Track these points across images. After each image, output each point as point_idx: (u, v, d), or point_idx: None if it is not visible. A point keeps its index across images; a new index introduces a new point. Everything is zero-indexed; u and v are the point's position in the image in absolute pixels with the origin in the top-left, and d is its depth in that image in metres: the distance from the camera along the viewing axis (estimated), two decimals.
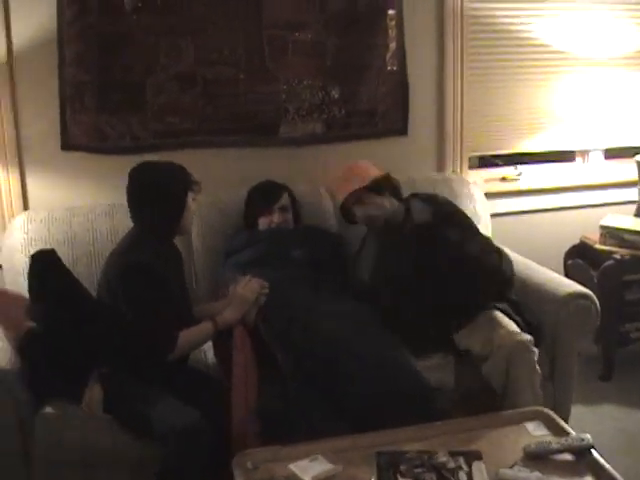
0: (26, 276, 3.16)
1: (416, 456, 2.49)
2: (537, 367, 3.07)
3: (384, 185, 3.60)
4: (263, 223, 3.71)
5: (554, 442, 2.55)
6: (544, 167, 4.83)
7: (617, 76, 4.53)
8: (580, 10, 4.49)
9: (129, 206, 3.13)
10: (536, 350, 3.08)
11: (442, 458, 2.47)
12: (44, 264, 3.14)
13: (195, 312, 3.29)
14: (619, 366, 4.25)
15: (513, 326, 3.14)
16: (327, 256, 3.69)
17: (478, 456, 2.49)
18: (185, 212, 3.12)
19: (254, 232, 3.71)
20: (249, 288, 3.20)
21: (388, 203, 3.56)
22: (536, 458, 2.49)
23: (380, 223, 3.56)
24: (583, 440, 2.54)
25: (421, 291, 3.31)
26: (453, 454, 2.49)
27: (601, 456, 2.49)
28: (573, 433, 2.62)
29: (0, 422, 2.84)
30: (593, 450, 2.52)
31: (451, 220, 3.47)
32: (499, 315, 3.22)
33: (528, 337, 3.07)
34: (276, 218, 3.70)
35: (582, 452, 2.52)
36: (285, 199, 3.75)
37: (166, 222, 3.13)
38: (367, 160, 3.74)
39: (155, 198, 3.09)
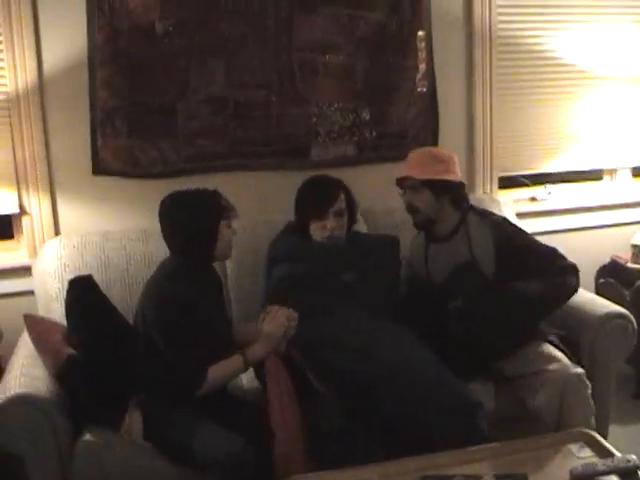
0: (60, 302, 3.21)
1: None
2: (591, 401, 3.07)
3: (447, 191, 3.40)
4: (315, 229, 3.44)
5: (600, 464, 2.51)
6: (573, 187, 4.84)
7: None
8: (606, 26, 4.53)
9: (163, 236, 3.13)
10: (589, 384, 3.07)
11: None
12: (81, 290, 3.17)
13: (234, 332, 3.30)
14: None
15: (565, 359, 3.13)
16: (381, 282, 3.43)
17: (525, 479, 2.47)
18: (219, 241, 3.09)
19: (300, 244, 3.48)
20: (276, 323, 3.06)
21: (438, 206, 3.40)
22: None
23: (420, 219, 3.43)
24: (629, 461, 2.50)
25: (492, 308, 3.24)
26: (500, 477, 2.49)
27: None
28: (618, 454, 2.59)
29: (40, 450, 2.81)
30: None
31: (515, 245, 3.35)
32: (548, 346, 3.22)
33: (581, 370, 3.07)
34: (330, 224, 3.42)
35: (629, 473, 2.48)
36: (341, 201, 3.46)
37: (200, 252, 3.10)
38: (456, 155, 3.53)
39: (186, 230, 3.07)
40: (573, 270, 3.31)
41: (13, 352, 3.32)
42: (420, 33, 4.04)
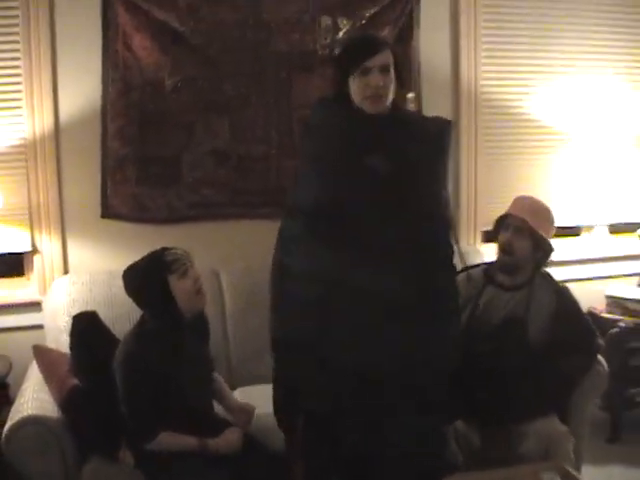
0: (67, 335, 3.37)
1: None
2: (572, 456, 3.21)
3: (544, 253, 3.45)
4: (356, 90, 2.82)
5: None
6: (552, 241, 5.04)
7: (621, 156, 4.80)
8: (585, 90, 4.81)
9: None
10: (573, 439, 3.25)
11: None
12: (85, 325, 3.36)
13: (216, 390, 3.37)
14: (625, 429, 4.42)
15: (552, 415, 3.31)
16: (421, 177, 2.88)
17: None
18: (176, 296, 3.04)
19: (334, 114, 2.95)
20: (229, 445, 3.08)
21: (530, 258, 3.43)
22: None
23: (510, 262, 3.42)
24: None
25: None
26: None
27: None
28: None
29: (48, 469, 3.00)
30: None
31: (571, 315, 3.45)
32: None
33: (566, 428, 3.25)
34: (374, 79, 2.77)
35: None
36: (387, 56, 2.80)
37: (161, 313, 3.08)
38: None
39: (141, 297, 3.10)
40: (599, 351, 3.50)
41: (22, 382, 3.50)
42: (410, 95, 4.30)
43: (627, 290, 4.53)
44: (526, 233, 3.38)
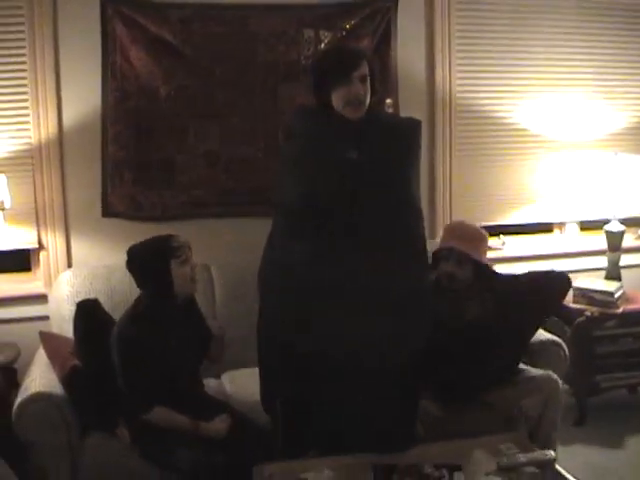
0: (71, 323, 3.63)
1: (405, 468, 2.93)
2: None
3: (483, 272, 3.65)
4: (338, 98, 3.07)
5: (522, 457, 2.97)
6: (525, 238, 5.34)
7: (590, 156, 4.99)
8: (555, 95, 5.05)
9: None
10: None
11: (428, 469, 2.91)
12: (87, 310, 3.64)
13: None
14: (591, 413, 4.65)
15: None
16: (394, 167, 3.12)
17: (458, 468, 2.95)
18: (175, 280, 3.30)
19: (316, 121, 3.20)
20: (217, 432, 3.28)
21: (470, 288, 3.64)
22: (507, 470, 2.90)
23: (454, 286, 3.63)
24: (546, 455, 3.00)
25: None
26: (438, 466, 2.94)
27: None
28: (539, 450, 3.06)
29: (54, 441, 3.27)
30: (556, 464, 2.98)
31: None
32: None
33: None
34: (354, 88, 3.05)
35: (546, 464, 2.95)
36: (364, 67, 3.09)
37: (158, 293, 3.33)
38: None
39: (141, 276, 3.37)
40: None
41: (29, 367, 3.77)
42: (388, 100, 4.55)
43: (593, 282, 4.73)
44: (465, 261, 3.60)
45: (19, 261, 4.50)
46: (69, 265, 4.35)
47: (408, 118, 3.46)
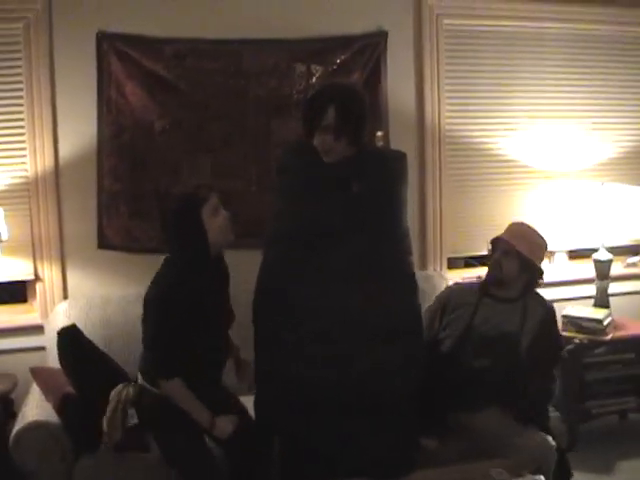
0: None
1: None
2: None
3: (531, 275, 3.78)
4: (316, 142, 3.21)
5: None
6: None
7: (578, 186, 5.04)
8: (545, 126, 5.13)
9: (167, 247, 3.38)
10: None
11: None
12: (68, 338, 3.70)
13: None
14: (582, 439, 4.65)
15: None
16: (386, 195, 3.28)
17: None
18: (208, 230, 3.22)
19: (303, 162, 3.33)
20: (222, 433, 3.26)
21: (517, 278, 3.76)
22: None
23: (496, 278, 3.79)
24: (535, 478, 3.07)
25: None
26: None
27: None
28: (528, 475, 3.12)
29: (50, 468, 3.35)
30: None
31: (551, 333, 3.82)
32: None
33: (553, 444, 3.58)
34: (317, 143, 3.20)
35: None
36: (329, 116, 3.13)
37: (192, 244, 3.23)
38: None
39: (176, 234, 3.27)
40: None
41: (26, 397, 3.83)
42: (379, 133, 4.57)
43: (582, 310, 4.77)
44: (514, 255, 3.73)
45: (16, 292, 4.55)
46: (65, 296, 4.40)
47: (394, 151, 3.68)
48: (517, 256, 3.73)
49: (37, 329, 4.30)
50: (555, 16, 5.05)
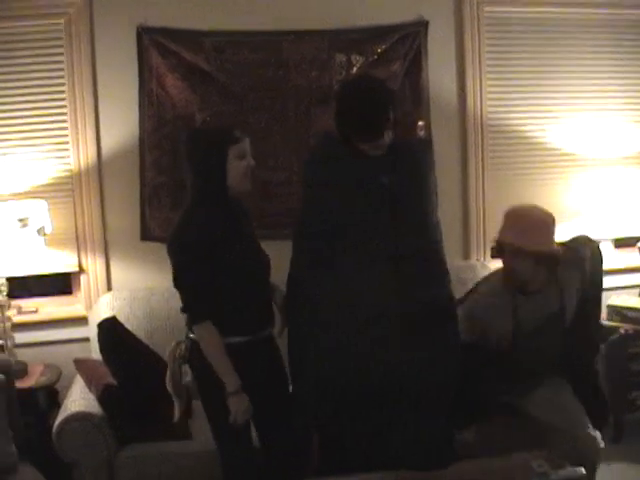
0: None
1: None
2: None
3: (548, 262, 3.45)
4: (364, 147, 3.19)
5: (553, 474, 3.02)
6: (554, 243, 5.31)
7: (623, 173, 5.01)
8: (588, 113, 5.08)
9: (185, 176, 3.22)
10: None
11: None
12: (108, 330, 3.78)
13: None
14: (627, 430, 4.63)
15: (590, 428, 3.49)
16: (416, 185, 3.25)
17: None
18: (228, 165, 3.07)
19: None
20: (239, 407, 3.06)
21: (535, 274, 3.46)
22: None
23: (516, 284, 3.49)
24: (576, 472, 3.04)
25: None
26: None
27: None
28: (569, 466, 3.09)
29: (93, 457, 3.43)
30: None
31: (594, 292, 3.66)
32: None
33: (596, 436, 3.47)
34: (381, 144, 3.18)
35: None
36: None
37: (211, 177, 3.08)
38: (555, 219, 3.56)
39: (198, 157, 3.10)
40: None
41: (70, 388, 3.90)
42: (420, 122, 4.55)
43: (627, 300, 4.73)
44: (523, 255, 3.40)
45: (61, 284, 4.62)
46: (109, 288, 4.46)
47: (419, 140, 3.74)
48: (527, 254, 3.40)
49: (81, 321, 4.38)
50: (599, 1, 4.99)
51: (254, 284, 3.19)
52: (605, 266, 4.90)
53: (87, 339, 4.23)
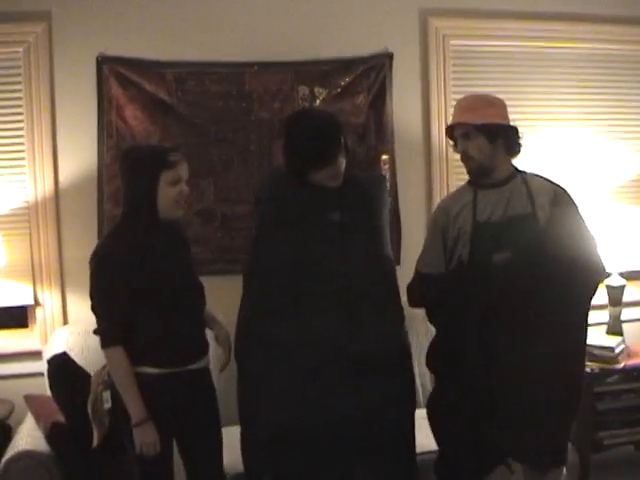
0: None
1: None
2: None
3: (502, 135, 3.23)
4: (320, 176, 3.07)
5: None
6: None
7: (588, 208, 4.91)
8: (553, 146, 5.04)
9: None
10: None
11: None
12: (57, 366, 3.69)
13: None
14: (595, 470, 4.55)
15: None
16: (367, 221, 3.16)
17: None
18: (159, 190, 2.97)
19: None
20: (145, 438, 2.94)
21: (493, 151, 3.22)
22: None
23: (475, 166, 3.25)
24: None
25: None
26: None
27: None
28: None
29: None
30: None
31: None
32: None
33: None
34: (337, 169, 3.08)
35: None
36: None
37: (139, 198, 3.00)
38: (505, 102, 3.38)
39: (129, 177, 3.03)
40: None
41: (21, 425, 3.83)
42: (384, 157, 4.57)
43: (593, 338, 4.64)
44: (473, 133, 3.20)
45: (17, 317, 4.52)
46: (65, 321, 4.38)
47: (371, 174, 3.73)
48: (477, 130, 3.18)
49: (36, 355, 4.27)
50: (563, 35, 4.98)
51: (178, 312, 3.05)
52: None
53: (41, 374, 4.08)
